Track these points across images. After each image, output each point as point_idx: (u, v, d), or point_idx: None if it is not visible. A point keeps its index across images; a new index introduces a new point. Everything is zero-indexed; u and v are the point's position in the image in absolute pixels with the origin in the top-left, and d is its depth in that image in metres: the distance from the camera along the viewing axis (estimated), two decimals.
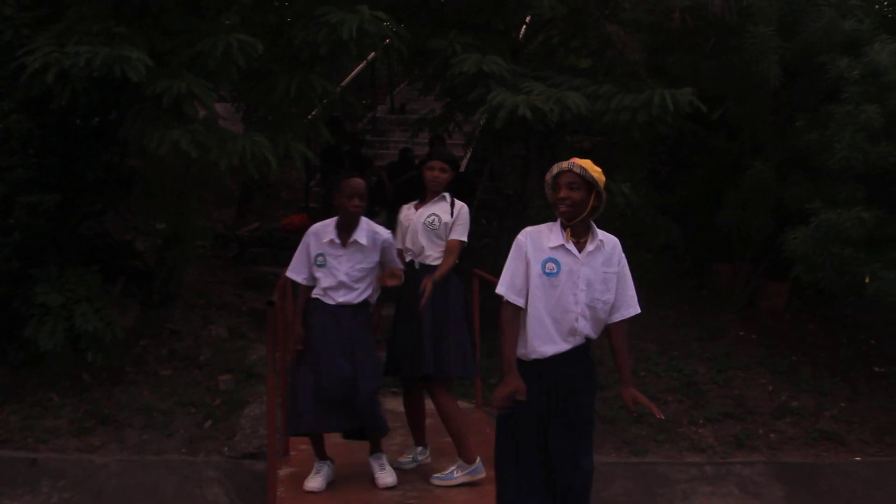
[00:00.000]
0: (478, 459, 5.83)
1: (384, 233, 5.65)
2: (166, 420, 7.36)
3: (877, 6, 9.73)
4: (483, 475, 5.78)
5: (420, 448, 6.20)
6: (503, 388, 4.12)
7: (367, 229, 5.60)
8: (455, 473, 5.82)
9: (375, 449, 5.82)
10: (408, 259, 5.90)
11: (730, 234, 9.77)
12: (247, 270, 10.63)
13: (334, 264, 5.54)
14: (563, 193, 4.23)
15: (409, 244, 5.91)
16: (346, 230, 5.57)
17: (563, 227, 4.26)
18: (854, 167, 8.12)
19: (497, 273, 4.39)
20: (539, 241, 4.26)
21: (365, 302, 5.65)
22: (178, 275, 9.16)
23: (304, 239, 5.65)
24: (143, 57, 6.78)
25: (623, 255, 4.36)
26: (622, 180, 8.17)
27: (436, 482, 5.82)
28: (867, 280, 8.06)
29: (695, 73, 9.04)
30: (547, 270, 4.23)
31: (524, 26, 10.48)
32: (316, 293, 5.60)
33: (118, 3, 7.39)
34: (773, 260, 9.54)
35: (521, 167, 9.84)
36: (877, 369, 9.21)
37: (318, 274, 5.57)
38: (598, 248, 4.27)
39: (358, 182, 5.56)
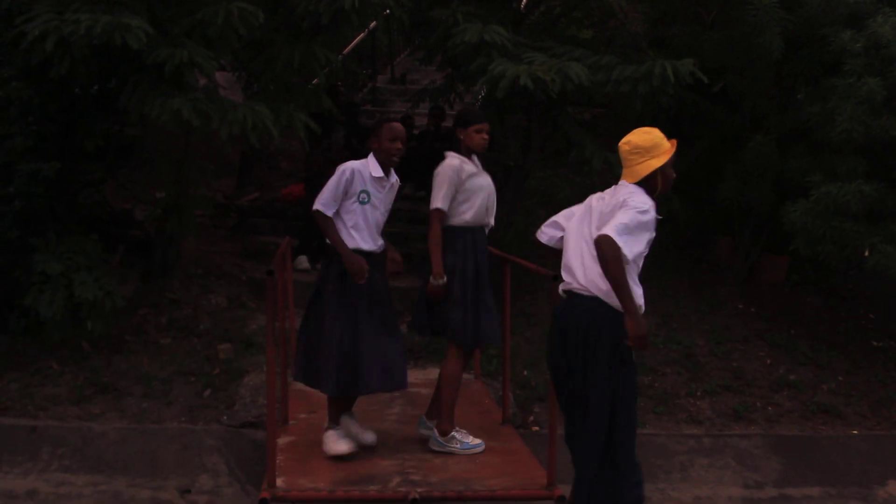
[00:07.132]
0: (471, 439, 5.81)
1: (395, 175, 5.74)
2: (165, 389, 7.38)
3: None
4: (480, 450, 5.80)
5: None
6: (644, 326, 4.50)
7: (393, 172, 5.69)
8: (455, 444, 5.81)
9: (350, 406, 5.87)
10: (478, 224, 5.79)
11: (730, 206, 9.75)
12: (246, 240, 10.62)
13: (376, 203, 5.54)
14: None
15: (488, 206, 5.83)
16: (385, 171, 5.59)
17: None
18: (855, 140, 8.09)
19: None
20: None
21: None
22: (178, 244, 9.16)
23: (342, 175, 5.44)
24: (144, 25, 6.73)
25: None
26: None
27: (435, 447, 5.82)
28: (867, 253, 8.06)
29: (696, 45, 9.01)
30: None
31: None
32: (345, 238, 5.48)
33: None
34: (773, 233, 9.54)
35: (522, 138, 9.80)
36: (875, 343, 9.23)
37: (354, 211, 5.48)
38: None
39: (399, 126, 5.60)
